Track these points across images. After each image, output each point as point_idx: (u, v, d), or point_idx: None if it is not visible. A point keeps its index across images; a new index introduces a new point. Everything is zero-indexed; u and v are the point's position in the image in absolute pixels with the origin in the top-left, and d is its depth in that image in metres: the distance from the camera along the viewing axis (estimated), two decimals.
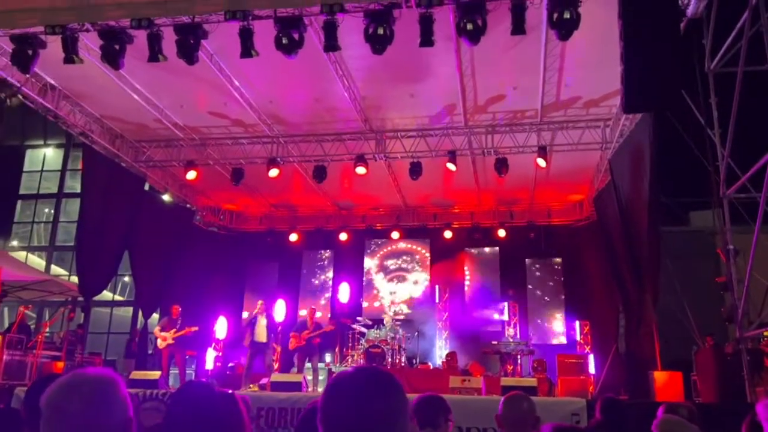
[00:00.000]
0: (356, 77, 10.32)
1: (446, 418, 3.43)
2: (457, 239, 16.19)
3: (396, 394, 1.39)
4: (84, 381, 1.50)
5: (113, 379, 1.53)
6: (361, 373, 1.43)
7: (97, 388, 1.49)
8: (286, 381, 9.06)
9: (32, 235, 22.71)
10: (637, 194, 9.96)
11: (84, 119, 11.79)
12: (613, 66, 8.45)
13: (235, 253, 16.94)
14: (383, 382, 1.40)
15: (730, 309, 8.80)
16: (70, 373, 1.57)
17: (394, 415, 1.35)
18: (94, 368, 1.60)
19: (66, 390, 1.47)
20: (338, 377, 1.43)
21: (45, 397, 1.48)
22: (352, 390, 1.38)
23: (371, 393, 1.36)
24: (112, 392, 1.50)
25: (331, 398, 1.38)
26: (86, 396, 1.46)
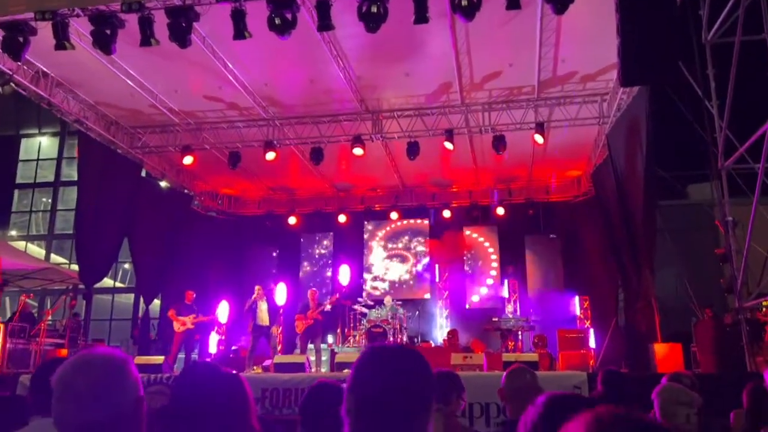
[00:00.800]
0: (351, 57, 10.25)
1: (459, 395, 3.45)
2: (456, 218, 16.20)
3: (427, 370, 1.41)
4: (94, 360, 1.52)
5: (123, 358, 1.55)
6: (395, 348, 1.45)
7: (107, 366, 1.50)
8: (290, 362, 9.11)
9: (30, 224, 22.71)
10: (634, 168, 9.95)
11: (78, 106, 11.71)
12: (609, 40, 8.41)
13: (235, 237, 16.95)
14: (416, 358, 1.42)
15: (730, 280, 8.84)
16: (80, 353, 1.58)
17: (424, 389, 1.37)
18: (104, 348, 1.61)
19: (77, 369, 1.48)
20: (371, 350, 1.45)
21: (56, 375, 1.49)
22: (386, 362, 1.39)
23: (403, 366, 1.38)
24: (123, 371, 1.52)
25: (364, 369, 1.39)
26: (97, 374, 1.47)
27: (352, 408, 1.34)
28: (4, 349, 10.15)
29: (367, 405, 1.32)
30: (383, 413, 1.30)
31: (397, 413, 1.30)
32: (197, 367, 2.61)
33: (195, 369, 2.59)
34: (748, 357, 8.16)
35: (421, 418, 1.34)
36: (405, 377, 1.35)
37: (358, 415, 1.33)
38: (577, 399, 1.67)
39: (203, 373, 2.50)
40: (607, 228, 12.36)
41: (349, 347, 12.80)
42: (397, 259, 16.80)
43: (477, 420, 7.44)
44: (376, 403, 1.31)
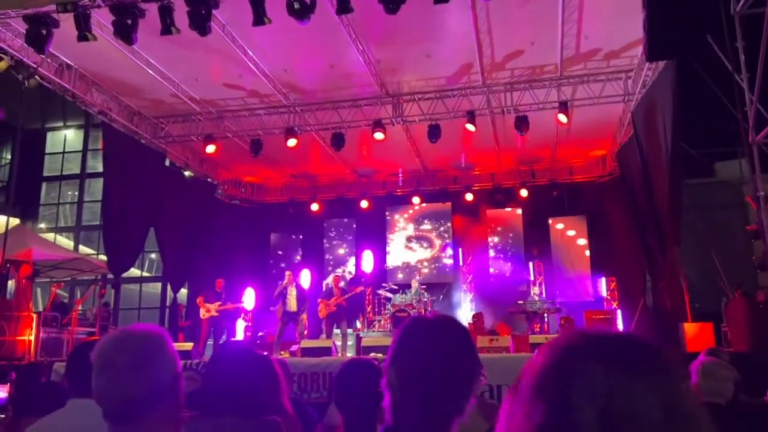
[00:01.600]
0: (370, 40, 10.17)
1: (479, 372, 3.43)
2: (479, 201, 16.09)
3: (469, 339, 1.39)
4: (134, 335, 1.53)
5: (162, 335, 1.55)
6: (436, 318, 1.43)
7: (146, 342, 1.51)
8: (316, 347, 9.18)
9: (58, 216, 23.11)
10: (660, 146, 9.77)
11: (101, 98, 11.83)
12: (634, 14, 8.23)
13: (258, 225, 17.06)
14: (458, 327, 1.41)
15: (763, 257, 8.65)
16: (119, 329, 1.58)
17: (468, 360, 1.35)
18: (143, 324, 1.62)
19: (117, 343, 1.49)
20: (413, 320, 1.43)
21: (96, 350, 1.50)
22: (429, 333, 1.37)
23: (446, 336, 1.36)
24: (161, 346, 1.53)
25: (407, 340, 1.37)
26: (136, 349, 1.48)
27: (394, 381, 1.32)
28: (38, 339, 10.36)
29: (410, 378, 1.30)
30: (426, 385, 1.28)
31: (440, 385, 1.28)
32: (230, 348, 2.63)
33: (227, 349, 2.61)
34: None
35: (464, 390, 1.32)
36: (448, 348, 1.33)
37: (400, 387, 1.30)
38: None
39: (235, 353, 2.52)
40: (633, 207, 12.17)
41: (374, 332, 12.85)
42: (421, 244, 16.77)
43: None
44: (418, 376, 1.29)
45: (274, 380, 2.65)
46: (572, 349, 0.81)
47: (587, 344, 0.81)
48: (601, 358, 0.78)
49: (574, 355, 0.80)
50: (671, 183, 9.53)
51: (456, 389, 1.30)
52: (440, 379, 1.28)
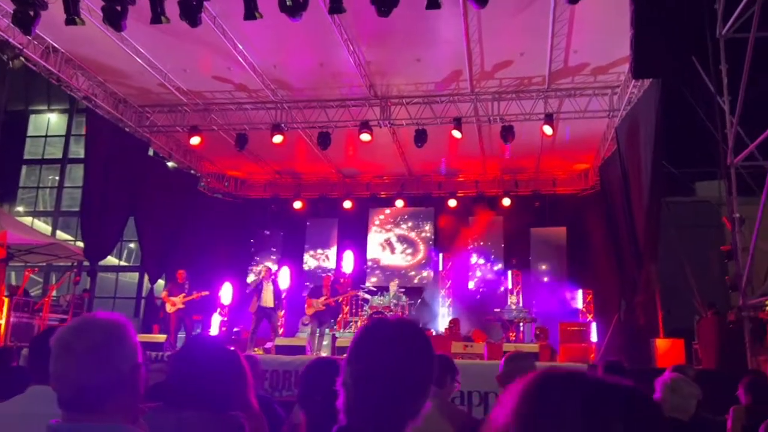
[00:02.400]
0: (361, 41, 10.18)
1: (453, 377, 3.46)
2: (462, 208, 16.16)
3: (427, 344, 1.39)
4: (95, 323, 1.50)
5: (124, 323, 1.53)
6: (395, 321, 1.44)
7: (107, 330, 1.48)
8: (291, 345, 9.15)
9: (37, 200, 22.80)
10: (642, 162, 9.90)
11: (87, 83, 11.71)
12: (622, 31, 8.33)
13: (240, 220, 16.98)
14: (416, 332, 1.41)
15: (734, 277, 8.80)
16: (81, 316, 1.56)
17: (423, 365, 1.36)
18: (105, 312, 1.60)
19: (77, 331, 1.47)
20: (371, 322, 1.44)
21: (55, 337, 1.48)
22: (386, 335, 1.38)
23: (403, 340, 1.37)
24: (123, 336, 1.50)
25: (363, 341, 1.38)
26: (96, 337, 1.46)
27: (349, 381, 1.33)
28: (8, 323, 10.22)
29: (364, 378, 1.31)
30: (379, 387, 1.29)
31: (393, 387, 1.29)
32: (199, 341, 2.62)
33: (195, 343, 2.60)
34: (750, 355, 8.14)
35: (418, 394, 1.33)
36: (405, 350, 1.34)
37: (354, 387, 1.31)
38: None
39: (204, 347, 2.51)
40: (610, 222, 12.31)
41: (350, 332, 12.85)
42: (402, 247, 16.79)
43: (476, 408, 7.47)
44: (373, 377, 1.30)
45: (241, 375, 2.65)
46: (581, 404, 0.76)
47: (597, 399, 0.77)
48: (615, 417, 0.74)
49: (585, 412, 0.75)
50: (650, 200, 9.65)
51: (410, 392, 1.31)
52: (394, 380, 1.29)
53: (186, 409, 2.15)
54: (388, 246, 16.85)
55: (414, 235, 16.83)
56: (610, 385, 0.79)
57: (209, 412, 2.15)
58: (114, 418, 1.42)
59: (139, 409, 1.55)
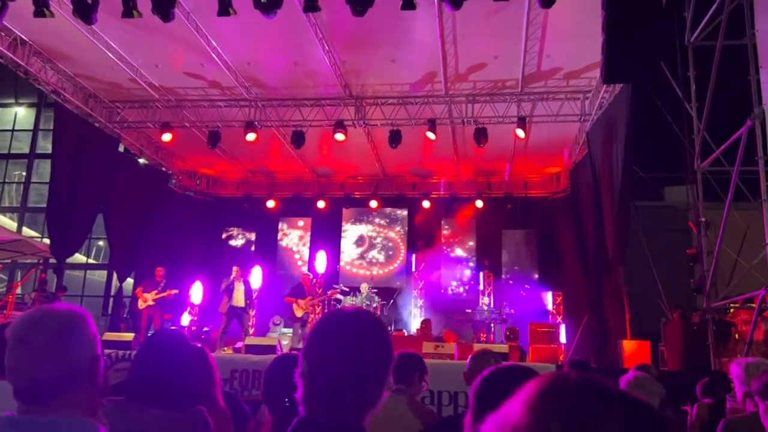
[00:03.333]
0: (336, 41, 10.16)
1: (421, 376, 3.46)
2: (435, 209, 16.23)
3: (382, 335, 1.39)
4: (52, 314, 1.47)
5: (82, 315, 1.50)
6: (350, 312, 1.43)
7: (64, 321, 1.45)
8: (261, 344, 9.08)
9: (3, 195, 22.25)
10: (612, 167, 10.06)
11: (56, 77, 11.48)
12: (594, 37, 8.43)
13: (212, 218, 16.81)
14: (370, 322, 1.41)
15: (699, 280, 8.99)
16: (38, 307, 1.53)
17: (378, 354, 1.36)
18: (63, 304, 1.56)
19: (31, 321, 1.44)
20: (326, 314, 1.44)
21: (11, 327, 1.44)
22: (340, 326, 1.38)
23: (357, 330, 1.37)
24: (80, 327, 1.47)
25: (318, 333, 1.38)
26: (53, 329, 1.43)
27: (306, 372, 1.33)
28: None
29: (319, 368, 1.31)
30: (335, 376, 1.29)
31: (349, 376, 1.29)
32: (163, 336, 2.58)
33: (160, 337, 2.57)
34: (714, 357, 8.32)
35: (375, 382, 1.33)
36: (358, 340, 1.34)
37: (310, 378, 1.32)
38: (520, 368, 1.69)
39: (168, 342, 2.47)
40: (579, 225, 12.48)
41: None
42: (375, 247, 16.80)
43: (445, 408, 7.50)
44: (328, 367, 1.30)
45: (207, 371, 2.62)
46: (585, 413, 0.74)
47: (603, 409, 0.74)
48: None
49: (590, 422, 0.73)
50: (620, 204, 9.81)
51: (366, 380, 1.31)
52: (349, 369, 1.29)
53: (149, 405, 2.11)
54: (361, 246, 16.83)
55: (387, 235, 16.85)
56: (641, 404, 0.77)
57: (173, 409, 2.12)
58: (70, 411, 1.40)
59: (97, 402, 1.52)
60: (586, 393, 0.76)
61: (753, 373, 3.18)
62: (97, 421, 1.43)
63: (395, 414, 3.03)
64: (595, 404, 0.74)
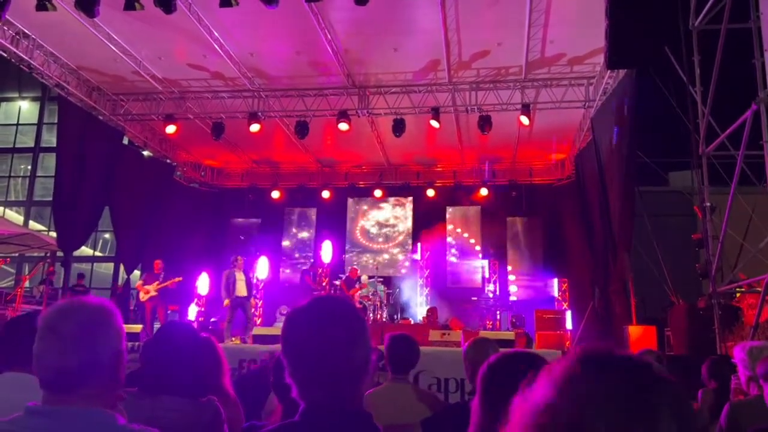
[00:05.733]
0: (339, 30, 10.13)
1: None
2: (440, 197, 16.24)
3: (353, 318, 1.43)
4: (82, 306, 1.51)
5: (110, 309, 1.54)
6: (318, 302, 1.47)
7: (93, 314, 1.49)
8: (268, 334, 9.15)
9: (9, 190, 22.36)
10: (616, 152, 10.03)
11: (59, 70, 11.50)
12: (598, 23, 8.40)
13: (217, 210, 16.87)
14: (339, 308, 1.44)
15: (705, 265, 8.98)
16: (70, 298, 1.57)
17: (352, 338, 1.39)
18: (94, 297, 1.60)
19: (62, 312, 1.48)
20: (296, 307, 1.46)
21: (42, 316, 1.49)
22: (310, 316, 1.41)
23: (328, 317, 1.40)
24: (108, 321, 1.51)
25: (290, 326, 1.42)
26: (81, 320, 1.46)
27: (291, 371, 1.39)
28: None
29: (301, 364, 1.37)
30: (317, 368, 1.34)
31: (328, 363, 1.34)
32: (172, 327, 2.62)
33: (169, 329, 2.60)
34: (719, 341, 8.33)
35: (351, 371, 1.37)
36: (331, 328, 1.37)
37: (297, 376, 1.37)
38: (526, 353, 1.72)
39: (178, 333, 2.51)
40: (585, 211, 12.46)
41: None
42: (380, 237, 16.83)
43: (452, 394, 7.56)
44: (308, 361, 1.35)
45: (216, 361, 2.66)
46: (596, 382, 0.74)
47: (612, 377, 0.74)
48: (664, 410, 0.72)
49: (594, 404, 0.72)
50: (624, 189, 9.79)
51: (344, 367, 1.35)
52: (326, 356, 1.34)
53: (162, 395, 2.15)
54: (366, 235, 16.87)
55: (392, 224, 16.87)
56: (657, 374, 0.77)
57: (185, 398, 2.16)
58: (93, 402, 1.43)
59: (118, 395, 1.56)
60: (625, 367, 0.75)
61: (757, 356, 3.20)
62: (117, 413, 1.47)
63: (401, 402, 3.06)
64: (637, 377, 0.74)
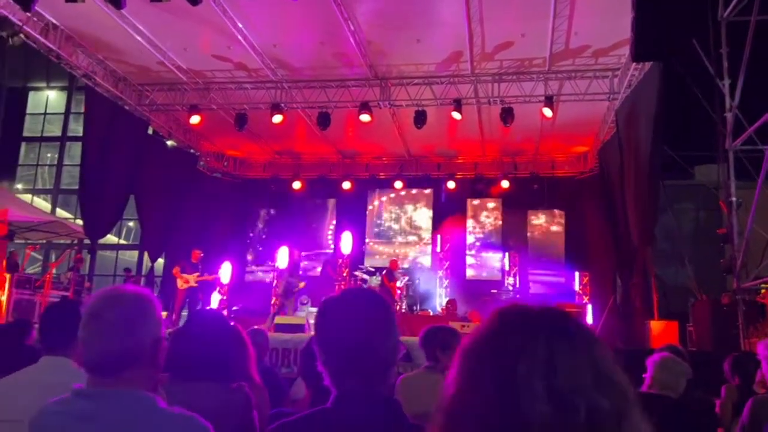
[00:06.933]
0: (362, 21, 10.14)
1: (443, 349, 3.50)
2: (460, 190, 16.20)
3: (383, 310, 1.47)
4: (124, 295, 1.59)
5: (150, 298, 1.62)
6: (350, 293, 1.52)
7: (134, 303, 1.57)
8: (290, 323, 9.26)
9: (37, 178, 22.80)
10: (641, 146, 9.93)
11: (87, 61, 11.67)
12: (624, 14, 8.31)
13: (239, 200, 17.03)
14: (371, 300, 1.49)
15: (729, 260, 8.88)
16: (112, 287, 1.65)
17: (383, 328, 1.43)
18: (136, 286, 1.68)
19: (106, 299, 1.56)
20: (328, 298, 1.51)
21: (87, 303, 1.57)
22: (343, 307, 1.46)
23: (360, 309, 1.45)
24: (148, 310, 1.58)
25: (324, 317, 1.47)
26: (123, 309, 1.54)
27: (324, 359, 1.43)
28: (11, 299, 10.30)
29: (334, 352, 1.41)
30: (351, 356, 1.38)
31: (361, 351, 1.38)
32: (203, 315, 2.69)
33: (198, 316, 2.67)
34: (743, 337, 8.25)
35: (386, 356, 1.41)
36: (357, 316, 1.42)
37: (329, 364, 1.42)
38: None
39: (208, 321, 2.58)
40: (609, 205, 12.35)
41: None
42: (399, 228, 16.86)
43: None
44: (340, 349, 1.40)
45: (243, 349, 2.73)
46: (513, 324, 0.87)
47: (527, 319, 0.87)
48: (542, 330, 0.84)
49: (516, 330, 0.85)
50: (649, 183, 9.69)
51: (376, 356, 1.40)
52: (359, 344, 1.39)
53: (194, 381, 2.22)
54: (386, 226, 16.91)
55: (412, 216, 16.89)
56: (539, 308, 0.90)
57: (216, 383, 2.22)
58: (134, 385, 1.51)
59: (158, 379, 1.63)
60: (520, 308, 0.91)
61: None
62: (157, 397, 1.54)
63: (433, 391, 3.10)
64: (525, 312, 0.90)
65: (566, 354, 0.81)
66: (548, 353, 0.80)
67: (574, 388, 0.78)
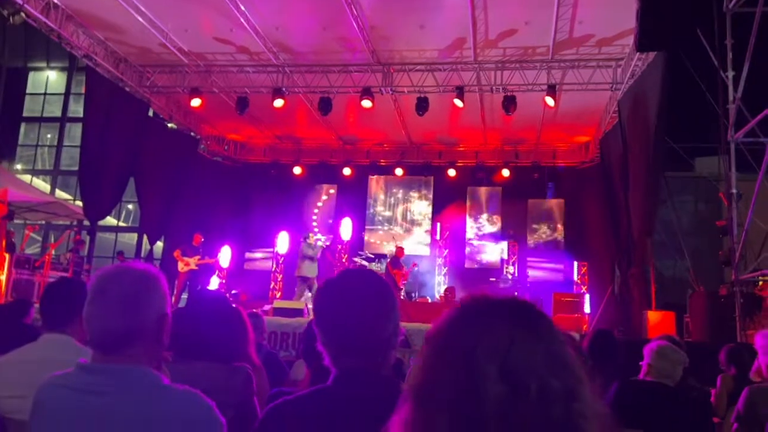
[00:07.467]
0: (365, 5, 10.07)
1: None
2: (461, 178, 16.19)
3: (383, 291, 1.48)
4: (130, 271, 1.60)
5: (156, 275, 1.62)
6: (350, 275, 1.52)
7: (140, 279, 1.57)
8: (289, 307, 9.29)
9: (36, 158, 22.77)
10: (643, 136, 9.91)
11: (88, 41, 11.61)
12: (628, 4, 8.28)
13: (239, 184, 17.01)
14: (370, 281, 1.49)
15: (728, 252, 8.91)
16: (118, 263, 1.65)
17: (383, 309, 1.44)
18: (141, 263, 1.68)
19: (112, 276, 1.57)
20: (329, 279, 1.52)
21: (92, 280, 1.58)
22: (342, 288, 1.47)
23: (359, 290, 1.45)
24: (154, 286, 1.59)
25: (323, 298, 1.47)
26: (129, 284, 1.55)
27: (324, 340, 1.44)
28: (10, 279, 10.32)
29: (335, 332, 1.42)
30: (351, 334, 1.39)
31: (361, 330, 1.39)
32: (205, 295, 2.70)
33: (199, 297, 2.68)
34: (740, 329, 8.29)
35: (381, 341, 1.42)
36: (363, 298, 1.43)
37: (330, 344, 1.43)
38: None
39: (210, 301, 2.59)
40: (609, 195, 12.36)
41: None
42: (399, 215, 16.87)
43: None
44: (341, 328, 1.41)
45: (244, 330, 2.74)
46: (475, 310, 0.91)
47: (489, 306, 0.91)
48: (502, 317, 0.88)
49: (478, 315, 0.90)
50: (650, 174, 9.69)
51: (375, 336, 1.41)
52: (360, 323, 1.40)
53: (196, 360, 2.23)
54: (386, 213, 16.92)
55: (412, 203, 16.90)
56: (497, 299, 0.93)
57: (218, 362, 2.23)
58: (139, 361, 1.51)
59: (162, 356, 1.64)
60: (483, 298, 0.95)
61: None
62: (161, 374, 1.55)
63: None
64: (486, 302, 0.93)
65: (524, 338, 0.85)
66: (507, 336, 0.84)
67: (527, 370, 0.82)
